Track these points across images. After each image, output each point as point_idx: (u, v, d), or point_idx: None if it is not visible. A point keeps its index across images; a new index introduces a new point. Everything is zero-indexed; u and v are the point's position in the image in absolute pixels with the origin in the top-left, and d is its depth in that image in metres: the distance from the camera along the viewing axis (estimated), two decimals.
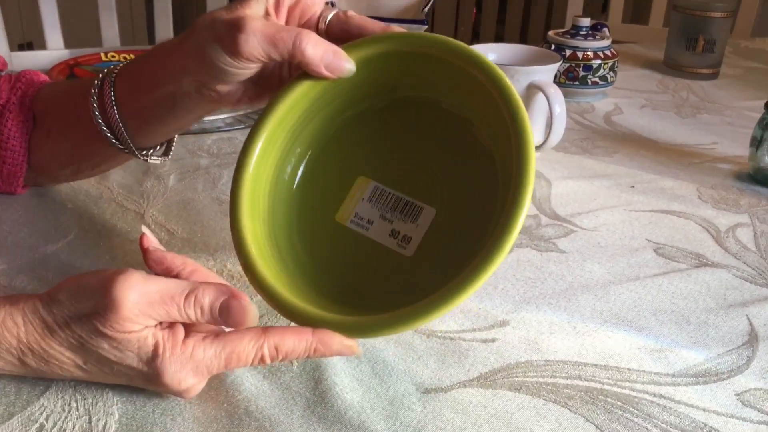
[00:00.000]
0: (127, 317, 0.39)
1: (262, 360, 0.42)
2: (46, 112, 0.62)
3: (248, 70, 0.49)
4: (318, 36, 0.47)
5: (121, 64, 0.57)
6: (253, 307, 0.42)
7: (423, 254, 0.48)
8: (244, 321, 0.42)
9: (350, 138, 0.52)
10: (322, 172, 0.52)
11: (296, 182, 0.52)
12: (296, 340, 0.42)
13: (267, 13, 0.49)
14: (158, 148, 0.61)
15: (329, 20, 0.51)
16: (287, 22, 0.51)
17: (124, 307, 0.39)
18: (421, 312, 0.41)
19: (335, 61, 0.47)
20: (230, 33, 0.46)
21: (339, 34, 0.51)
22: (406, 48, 0.48)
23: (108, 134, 0.56)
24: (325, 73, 0.47)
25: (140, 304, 0.40)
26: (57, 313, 0.41)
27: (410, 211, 0.49)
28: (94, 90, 0.56)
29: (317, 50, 0.46)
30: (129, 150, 0.58)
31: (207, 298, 0.41)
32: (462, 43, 0.47)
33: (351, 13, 0.51)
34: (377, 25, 0.50)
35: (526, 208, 0.41)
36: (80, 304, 0.40)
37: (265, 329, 0.42)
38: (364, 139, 0.52)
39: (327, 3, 0.52)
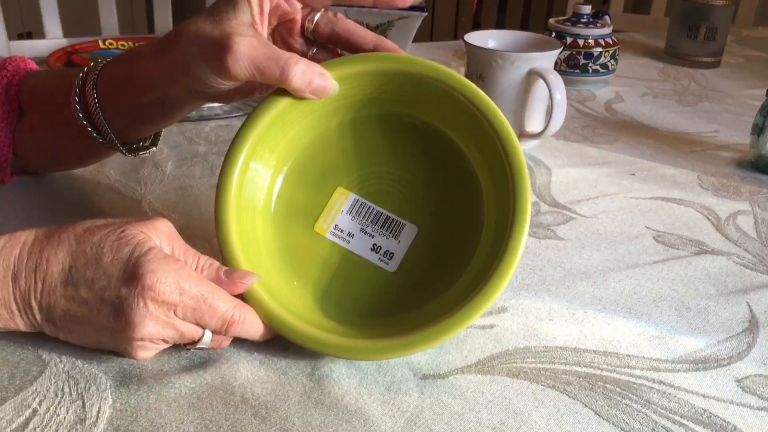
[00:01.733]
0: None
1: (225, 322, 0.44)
2: (29, 104, 0.61)
3: (237, 83, 0.48)
4: (305, 61, 0.46)
5: (102, 63, 0.56)
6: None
7: (406, 270, 0.49)
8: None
9: (329, 148, 0.51)
10: (302, 182, 0.51)
11: (276, 194, 0.51)
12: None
13: (254, 21, 0.48)
14: (143, 142, 0.60)
15: (317, 20, 0.51)
16: (270, 24, 0.50)
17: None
18: (424, 339, 0.44)
19: (320, 84, 0.47)
20: (217, 54, 0.45)
21: (328, 35, 0.51)
22: (389, 67, 0.48)
23: (93, 134, 0.56)
24: (310, 96, 0.47)
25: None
26: None
27: (391, 226, 0.49)
28: (76, 90, 0.55)
29: (304, 78, 0.46)
30: (114, 147, 0.57)
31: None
32: (447, 68, 0.47)
33: (340, 15, 0.51)
34: (369, 35, 0.50)
35: (527, 231, 0.44)
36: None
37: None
38: (342, 150, 0.51)
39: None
